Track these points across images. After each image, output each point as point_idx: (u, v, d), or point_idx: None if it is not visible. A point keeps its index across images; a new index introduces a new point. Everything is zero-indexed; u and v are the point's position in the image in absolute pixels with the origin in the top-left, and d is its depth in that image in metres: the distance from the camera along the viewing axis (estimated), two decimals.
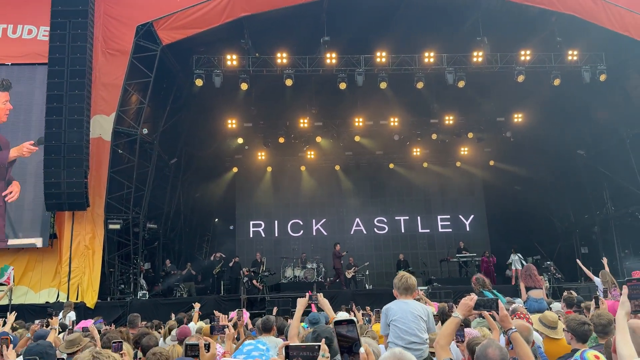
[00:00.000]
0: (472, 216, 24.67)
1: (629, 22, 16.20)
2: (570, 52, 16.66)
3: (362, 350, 2.13)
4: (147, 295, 16.02)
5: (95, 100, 15.49)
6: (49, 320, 7.70)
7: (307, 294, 5.34)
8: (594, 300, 7.15)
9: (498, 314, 3.58)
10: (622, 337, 2.90)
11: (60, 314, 12.18)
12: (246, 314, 7.53)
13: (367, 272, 19.91)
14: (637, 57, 17.01)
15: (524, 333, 4.19)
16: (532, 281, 9.15)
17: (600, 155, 19.98)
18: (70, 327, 9.74)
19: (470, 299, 3.72)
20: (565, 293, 9.69)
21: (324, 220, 24.08)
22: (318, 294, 5.51)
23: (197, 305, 9.50)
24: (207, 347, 3.50)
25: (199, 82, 16.09)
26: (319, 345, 2.14)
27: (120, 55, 15.65)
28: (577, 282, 17.31)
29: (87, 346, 5.02)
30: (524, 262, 17.88)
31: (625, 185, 18.79)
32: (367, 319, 9.92)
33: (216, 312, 8.35)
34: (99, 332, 6.98)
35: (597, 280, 10.85)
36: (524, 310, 5.70)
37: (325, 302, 5.34)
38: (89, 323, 9.12)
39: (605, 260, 11.64)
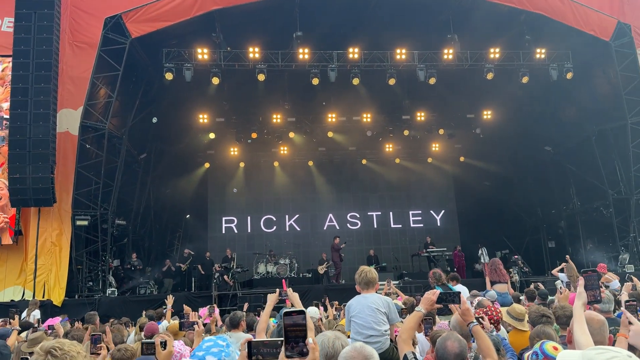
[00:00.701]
0: (442, 211, 24.99)
1: (595, 21, 16.59)
2: (538, 51, 16.98)
3: (310, 340, 2.14)
4: (116, 293, 15.78)
5: (62, 93, 15.13)
6: (11, 321, 7.52)
7: (277, 289, 5.34)
8: (557, 292, 7.35)
9: (460, 307, 3.64)
10: (579, 326, 2.98)
11: (25, 312, 11.92)
12: (216, 310, 7.50)
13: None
14: (603, 56, 17.43)
15: (460, 326, 4.22)
16: (497, 275, 9.34)
17: (567, 152, 20.45)
18: (36, 326, 9.55)
19: (433, 293, 3.77)
20: (532, 286, 9.92)
21: (297, 215, 24.07)
22: (288, 288, 5.53)
23: (169, 301, 9.28)
24: (164, 344, 3.45)
25: (169, 76, 15.85)
26: (282, 341, 2.13)
27: (88, 48, 15.32)
28: (544, 275, 17.71)
29: None
30: (487, 257, 18.35)
31: (590, 181, 19.28)
32: (338, 313, 9.98)
33: (185, 307, 8.25)
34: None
35: (561, 276, 11.14)
36: (488, 303, 5.80)
37: (294, 297, 5.35)
38: (55, 321, 8.96)
39: (568, 257, 11.97)
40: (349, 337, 5.00)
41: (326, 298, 12.51)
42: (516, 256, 19.10)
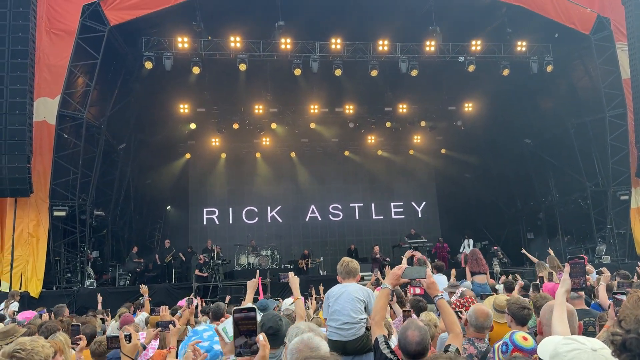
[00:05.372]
0: (424, 203, 25.15)
1: (575, 14, 16.72)
2: (519, 43, 17.08)
3: (260, 337, 2.15)
4: (95, 284, 15.59)
5: (38, 82, 14.78)
6: None
7: (257, 271, 5.35)
8: (538, 281, 7.46)
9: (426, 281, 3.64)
10: (559, 314, 2.93)
11: (2, 304, 11.74)
12: (195, 301, 7.44)
13: (321, 259, 20.02)
14: (582, 49, 17.61)
15: (480, 319, 4.27)
16: (478, 266, 9.39)
17: (546, 144, 20.66)
18: (12, 318, 9.39)
19: (399, 268, 3.74)
20: (504, 277, 10.00)
21: (279, 207, 24.00)
22: (289, 272, 5.54)
23: (144, 291, 9.14)
24: (128, 337, 3.41)
25: (148, 65, 15.62)
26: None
27: (65, 35, 14.98)
28: (522, 266, 17.92)
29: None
30: (468, 248, 18.53)
31: (569, 173, 19.51)
32: (319, 303, 9.93)
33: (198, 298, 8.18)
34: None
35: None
36: (472, 294, 5.83)
37: (294, 281, 5.34)
38: (31, 314, 8.81)
39: (550, 251, 12.12)
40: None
41: (312, 288, 12.42)
42: (495, 247, 19.29)
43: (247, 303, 5.38)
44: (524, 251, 12.60)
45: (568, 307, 3.28)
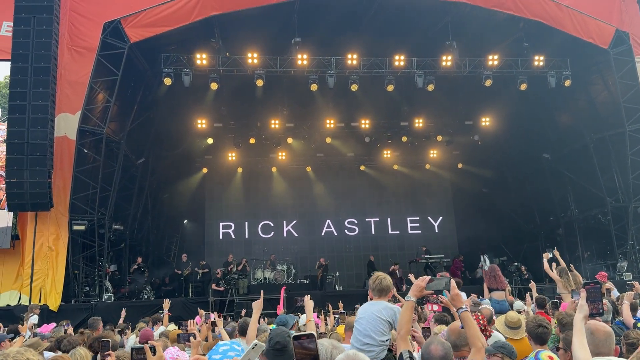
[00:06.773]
0: (440, 218, 24.97)
1: (593, 29, 16.63)
2: (536, 58, 17.00)
3: None
4: (113, 298, 15.70)
5: (60, 98, 15.11)
6: (19, 326, 7.49)
7: (262, 292, 5.33)
8: (558, 300, 7.33)
9: (450, 292, 3.59)
10: (579, 340, 2.93)
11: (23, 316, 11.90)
12: (212, 316, 7.45)
13: (337, 274, 19.94)
14: (601, 64, 17.48)
15: (452, 337, 4.13)
16: (496, 283, 9.25)
17: (565, 159, 20.45)
18: (32, 332, 9.46)
19: (422, 279, 3.69)
20: (535, 295, 9.82)
21: (294, 221, 24.01)
22: (305, 295, 5.51)
23: (166, 305, 9.19)
24: (153, 350, 3.42)
25: (167, 81, 15.84)
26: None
27: (86, 52, 15.31)
28: (542, 282, 17.65)
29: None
30: (486, 264, 18.30)
31: (588, 188, 19.26)
32: (337, 318, 9.86)
33: (200, 311, 8.17)
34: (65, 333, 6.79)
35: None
36: (486, 313, 5.74)
37: (309, 305, 5.29)
38: (49, 327, 8.89)
39: (572, 267, 11.89)
40: None
41: (328, 305, 12.38)
42: (516, 263, 19.06)
43: (253, 326, 5.36)
44: (546, 265, 12.20)
45: (606, 329, 3.21)
